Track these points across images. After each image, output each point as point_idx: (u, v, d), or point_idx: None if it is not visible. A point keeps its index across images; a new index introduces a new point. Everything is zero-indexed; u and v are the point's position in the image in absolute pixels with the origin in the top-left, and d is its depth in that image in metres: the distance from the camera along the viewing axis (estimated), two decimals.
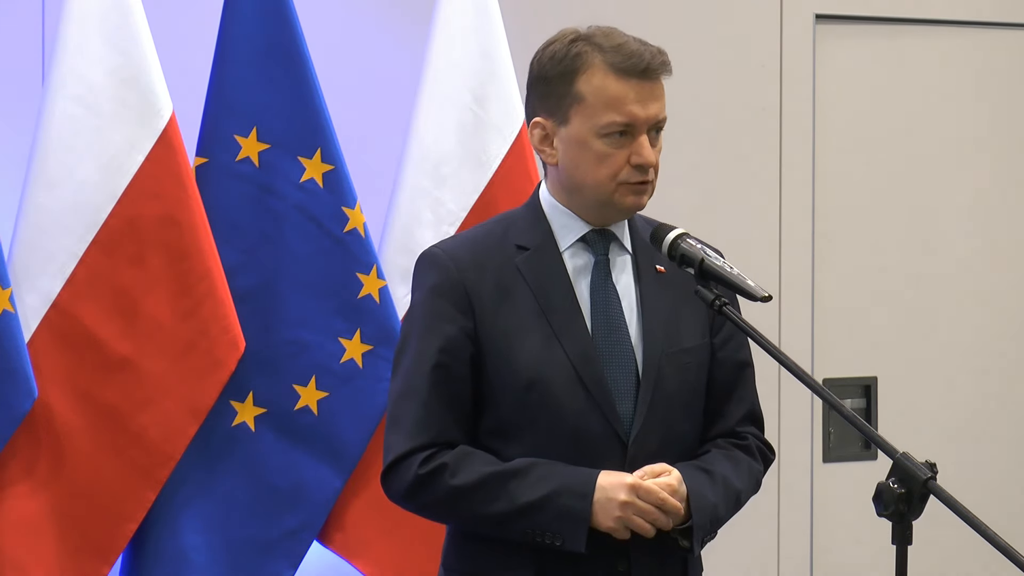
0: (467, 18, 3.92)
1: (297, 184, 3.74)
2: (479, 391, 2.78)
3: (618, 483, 2.70)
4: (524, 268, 2.80)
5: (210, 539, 3.69)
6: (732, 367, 2.90)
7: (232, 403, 3.70)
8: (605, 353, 2.78)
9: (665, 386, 2.79)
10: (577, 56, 2.76)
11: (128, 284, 3.59)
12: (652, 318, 2.81)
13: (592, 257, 2.83)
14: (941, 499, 2.35)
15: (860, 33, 4.86)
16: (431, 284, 2.80)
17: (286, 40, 3.73)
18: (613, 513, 2.69)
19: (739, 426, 2.90)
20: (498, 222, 2.90)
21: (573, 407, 2.75)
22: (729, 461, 2.84)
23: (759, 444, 2.92)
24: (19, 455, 3.55)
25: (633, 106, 2.74)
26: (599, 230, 2.83)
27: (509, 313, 2.77)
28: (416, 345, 2.78)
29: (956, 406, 4.99)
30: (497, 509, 2.71)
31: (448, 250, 2.82)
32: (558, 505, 2.69)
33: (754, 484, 2.89)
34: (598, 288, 2.81)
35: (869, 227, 4.88)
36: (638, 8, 4.45)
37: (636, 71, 2.73)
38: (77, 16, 3.58)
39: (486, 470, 2.73)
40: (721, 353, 2.89)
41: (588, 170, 2.77)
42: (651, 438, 2.77)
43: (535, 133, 2.82)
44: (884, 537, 2.42)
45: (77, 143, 3.57)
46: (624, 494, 2.69)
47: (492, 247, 2.82)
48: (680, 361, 2.82)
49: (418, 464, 2.74)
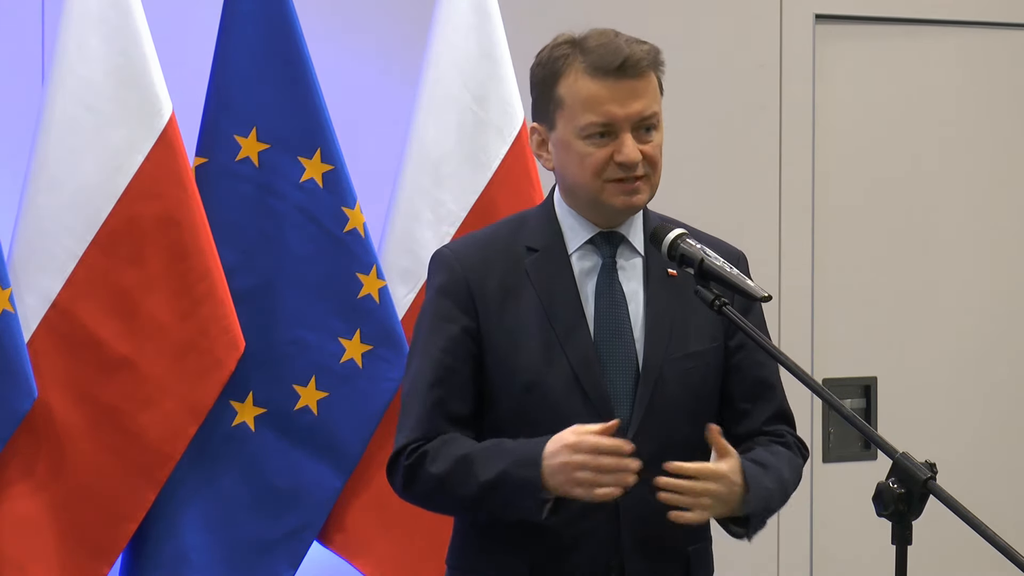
0: (467, 18, 3.92)
1: (297, 184, 3.74)
2: (483, 389, 2.79)
3: (559, 443, 2.65)
4: (531, 269, 2.80)
5: (210, 539, 3.69)
6: (755, 367, 2.88)
7: (232, 403, 3.70)
8: (606, 356, 2.78)
9: (666, 390, 2.78)
10: (558, 60, 2.76)
11: (128, 284, 3.59)
12: (657, 321, 2.80)
13: (599, 259, 2.83)
14: (941, 499, 2.36)
15: (860, 33, 4.85)
16: (438, 284, 2.82)
17: (286, 40, 3.73)
18: (558, 476, 2.63)
19: (768, 424, 2.89)
20: (509, 223, 2.91)
21: (570, 411, 2.74)
22: (773, 455, 2.82)
23: (795, 440, 2.92)
24: (19, 455, 3.55)
25: (610, 105, 2.73)
26: (606, 232, 2.83)
27: (513, 314, 2.78)
28: (423, 345, 2.81)
29: (956, 406, 4.99)
30: (467, 491, 2.72)
31: (456, 250, 2.85)
32: (513, 478, 2.67)
33: (798, 477, 2.88)
34: (603, 290, 2.81)
35: (869, 227, 4.88)
36: (638, 8, 4.45)
37: (611, 69, 2.72)
38: (77, 16, 3.58)
39: (457, 453, 2.73)
40: (741, 354, 2.87)
41: (575, 171, 2.77)
42: (649, 442, 2.74)
43: (533, 139, 2.84)
44: (884, 537, 2.42)
45: (77, 143, 3.57)
46: (563, 455, 2.63)
47: (501, 248, 2.83)
48: (683, 366, 2.81)
49: (405, 456, 2.76)
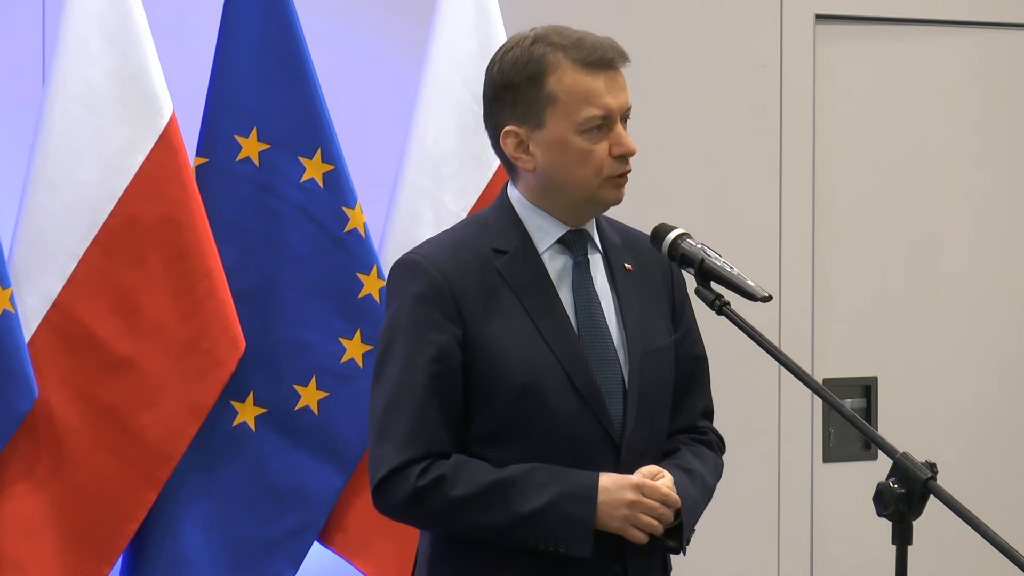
0: (467, 18, 3.93)
1: (297, 184, 3.74)
2: (468, 399, 2.75)
3: (623, 483, 2.71)
4: (506, 272, 2.77)
5: (211, 539, 3.68)
6: (691, 362, 2.92)
7: (232, 403, 3.70)
8: (592, 355, 2.77)
9: (647, 386, 2.80)
10: (541, 58, 2.75)
11: (128, 284, 3.59)
12: (630, 316, 2.81)
13: (571, 258, 2.81)
14: (941, 499, 2.36)
15: (860, 33, 4.85)
16: (416, 292, 2.74)
17: (286, 40, 3.73)
18: (619, 513, 2.69)
19: (699, 421, 2.94)
20: (468, 225, 2.87)
21: (566, 411, 2.74)
22: (698, 458, 2.87)
23: (716, 438, 2.96)
24: (19, 455, 3.55)
25: (606, 98, 2.74)
26: (576, 230, 2.82)
27: (496, 319, 2.75)
28: (403, 355, 2.73)
29: (956, 406, 4.98)
30: (499, 519, 2.69)
31: (429, 256, 2.77)
32: (561, 511, 2.68)
33: (718, 478, 2.93)
34: (580, 289, 2.80)
35: (869, 227, 4.88)
36: (638, 8, 4.45)
37: (603, 63, 2.74)
38: (77, 16, 3.58)
39: (486, 479, 2.70)
40: (680, 349, 2.89)
41: (572, 169, 2.76)
42: (639, 439, 2.78)
43: (509, 142, 2.78)
44: (884, 537, 2.42)
45: (77, 143, 3.57)
46: (631, 493, 2.70)
47: (469, 251, 2.78)
48: (657, 360, 2.83)
49: (415, 476, 2.69)
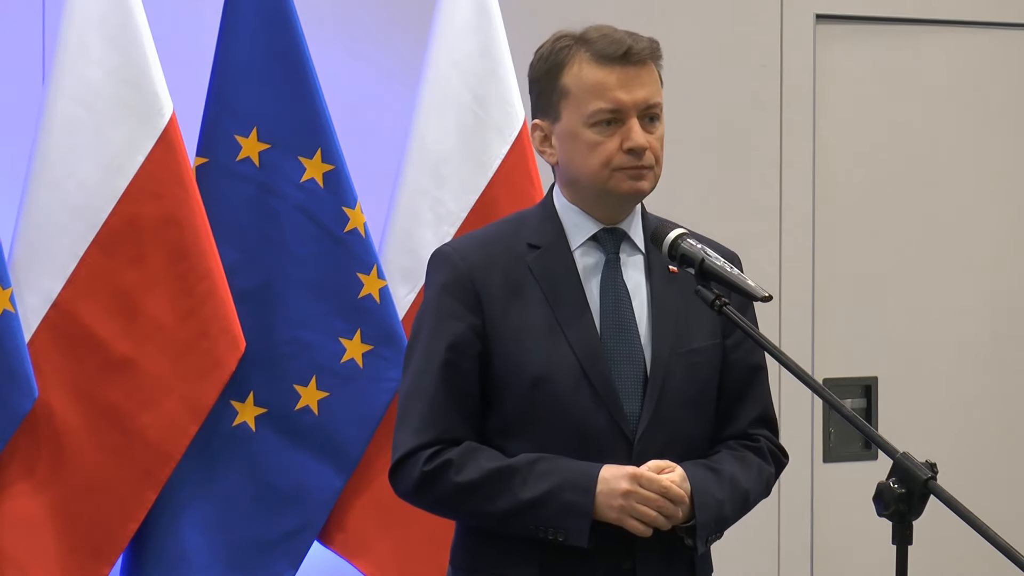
0: (467, 18, 3.92)
1: (297, 184, 3.74)
2: (486, 389, 2.79)
3: (620, 473, 2.70)
4: (535, 266, 2.80)
5: (211, 539, 3.68)
6: (745, 369, 2.89)
7: (233, 403, 3.70)
8: (613, 351, 2.78)
9: (673, 385, 2.79)
10: (561, 51, 2.79)
11: (128, 284, 3.59)
12: (662, 317, 2.81)
13: (603, 256, 2.83)
14: (941, 499, 2.35)
15: (860, 33, 4.85)
16: (441, 282, 2.81)
17: (286, 40, 3.73)
18: (615, 503, 2.69)
19: (751, 428, 2.90)
20: (510, 221, 2.91)
21: (579, 405, 2.75)
22: (738, 461, 2.83)
23: (771, 447, 2.91)
24: (19, 455, 3.55)
25: (617, 91, 2.74)
26: (610, 229, 2.83)
27: (518, 311, 2.78)
28: (425, 343, 2.80)
29: (956, 406, 4.98)
30: (501, 506, 2.72)
31: (459, 248, 2.84)
32: (561, 500, 2.70)
33: (764, 486, 2.88)
34: (608, 287, 2.81)
35: (869, 227, 4.88)
36: (639, 8, 4.45)
37: (616, 56, 2.74)
38: (77, 16, 3.58)
39: (490, 466, 2.73)
40: (734, 355, 2.88)
41: (582, 161, 2.77)
42: (657, 437, 2.77)
43: (535, 136, 2.84)
44: (884, 537, 2.42)
45: (77, 143, 3.57)
46: (626, 483, 2.69)
47: (503, 245, 2.83)
48: (689, 360, 2.81)
49: (423, 461, 2.75)
